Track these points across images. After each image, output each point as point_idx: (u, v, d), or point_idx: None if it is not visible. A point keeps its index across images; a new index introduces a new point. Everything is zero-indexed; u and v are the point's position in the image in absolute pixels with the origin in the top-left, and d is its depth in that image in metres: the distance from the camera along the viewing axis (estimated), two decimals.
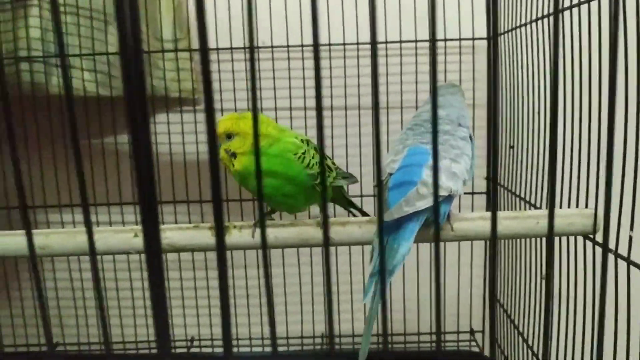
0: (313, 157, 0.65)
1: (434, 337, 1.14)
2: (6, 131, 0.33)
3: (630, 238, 0.55)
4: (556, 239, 0.80)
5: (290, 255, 1.13)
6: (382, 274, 0.51)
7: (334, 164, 0.72)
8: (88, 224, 0.33)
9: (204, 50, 0.24)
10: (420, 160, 0.59)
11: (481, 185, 1.09)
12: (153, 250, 0.28)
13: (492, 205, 0.45)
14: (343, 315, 1.14)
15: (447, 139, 0.62)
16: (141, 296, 1.14)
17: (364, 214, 0.81)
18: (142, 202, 0.27)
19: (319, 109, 0.27)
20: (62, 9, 1.04)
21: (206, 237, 0.64)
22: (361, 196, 1.07)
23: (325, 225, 0.40)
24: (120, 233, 0.63)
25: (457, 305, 1.15)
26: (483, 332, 1.15)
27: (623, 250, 0.58)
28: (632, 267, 0.55)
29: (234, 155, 0.64)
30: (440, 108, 0.64)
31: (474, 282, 1.13)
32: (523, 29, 0.86)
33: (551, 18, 0.75)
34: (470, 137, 0.65)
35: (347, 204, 0.81)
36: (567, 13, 0.72)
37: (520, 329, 0.94)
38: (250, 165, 0.63)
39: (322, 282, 1.14)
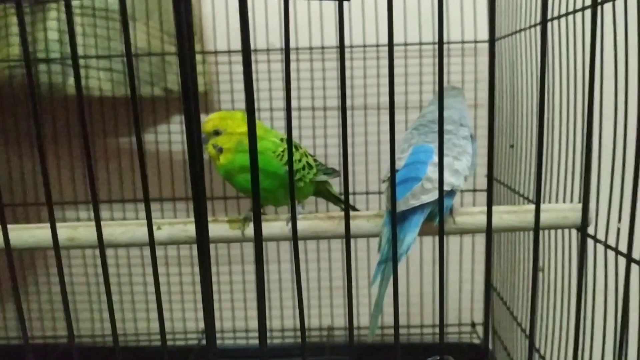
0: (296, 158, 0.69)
1: (436, 330, 1.18)
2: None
3: (618, 230, 0.59)
4: (553, 232, 0.84)
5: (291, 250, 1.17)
6: (394, 261, 0.55)
7: (315, 161, 0.76)
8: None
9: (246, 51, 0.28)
10: (425, 158, 0.63)
11: (483, 182, 1.13)
12: (203, 241, 0.32)
13: (488, 199, 0.49)
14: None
15: (450, 138, 0.66)
16: (152, 291, 1.19)
17: (354, 209, 0.85)
18: (195, 197, 0.31)
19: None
20: (78, 11, 1.08)
21: (223, 229, 0.69)
22: (367, 193, 1.12)
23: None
24: (144, 226, 0.67)
25: (459, 298, 1.19)
26: (484, 324, 1.19)
27: (621, 245, 0.62)
28: (619, 257, 0.60)
29: (220, 150, 0.68)
30: (445, 109, 0.68)
31: (476, 277, 1.17)
32: (523, 33, 0.90)
33: (552, 24, 0.79)
34: (472, 136, 0.69)
35: (334, 199, 0.84)
36: (557, 21, 0.76)
37: (519, 321, 0.98)
38: (234, 161, 0.68)
39: (326, 275, 1.18)
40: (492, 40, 0.99)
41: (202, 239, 0.38)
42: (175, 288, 1.19)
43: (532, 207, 0.68)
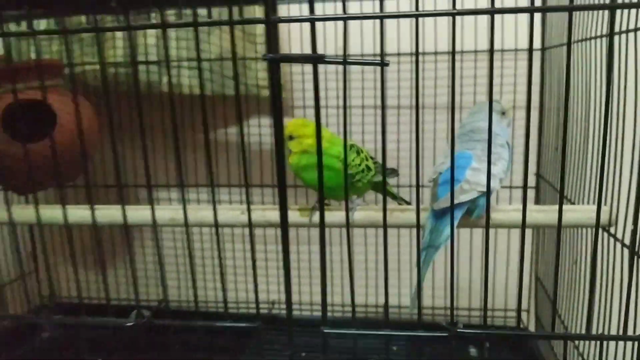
0: (353, 160, 0.82)
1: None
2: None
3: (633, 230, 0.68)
4: (584, 230, 0.93)
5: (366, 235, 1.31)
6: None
7: (375, 163, 0.89)
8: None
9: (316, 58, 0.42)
10: (464, 163, 0.75)
11: (531, 180, 1.22)
12: (284, 223, 0.46)
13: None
14: (404, 289, 1.31)
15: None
16: (232, 264, 1.36)
17: (406, 202, 0.97)
18: (280, 188, 0.45)
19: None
20: (172, 18, 1.25)
21: (294, 216, 0.83)
22: (421, 186, 1.23)
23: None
24: (231, 211, 0.83)
25: (505, 287, 1.29)
26: (528, 311, 1.29)
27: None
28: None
29: (290, 152, 0.83)
30: (481, 121, 0.79)
31: (524, 264, 1.27)
32: (578, 44, 0.98)
33: (604, 40, 0.88)
34: (507, 143, 0.79)
35: (390, 194, 0.97)
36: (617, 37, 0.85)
37: (558, 309, 1.08)
38: (300, 161, 0.82)
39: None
40: (530, 50, 1.07)
41: (284, 224, 0.52)
42: (247, 263, 1.36)
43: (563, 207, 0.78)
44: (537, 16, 1.15)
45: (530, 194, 1.22)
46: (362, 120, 1.24)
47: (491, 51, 0.56)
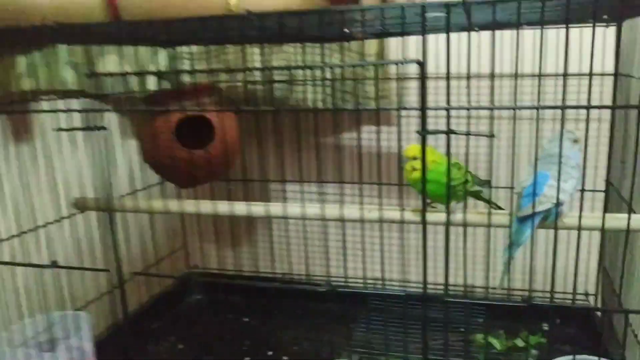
0: (455, 175, 1.08)
1: (556, 295, 1.52)
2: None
3: None
4: None
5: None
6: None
7: (472, 176, 1.14)
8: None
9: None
10: (543, 181, 0.99)
11: (600, 184, 1.44)
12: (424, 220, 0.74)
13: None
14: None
15: (561, 166, 1.02)
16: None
17: (498, 207, 1.22)
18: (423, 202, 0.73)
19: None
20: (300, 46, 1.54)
21: (409, 214, 1.11)
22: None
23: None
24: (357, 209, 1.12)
25: (574, 273, 1.52)
26: (596, 295, 1.52)
27: None
28: None
29: (413, 169, 1.09)
30: (557, 148, 1.03)
31: (591, 255, 1.49)
32: None
33: None
34: (578, 165, 1.03)
35: (485, 201, 1.22)
36: None
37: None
38: (420, 177, 1.08)
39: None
40: (616, 74, 1.29)
41: (424, 223, 0.80)
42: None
43: (620, 215, 1.01)
44: (610, 42, 1.35)
45: (600, 196, 1.44)
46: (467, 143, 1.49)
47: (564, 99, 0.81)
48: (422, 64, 0.78)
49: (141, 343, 1.45)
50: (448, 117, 0.85)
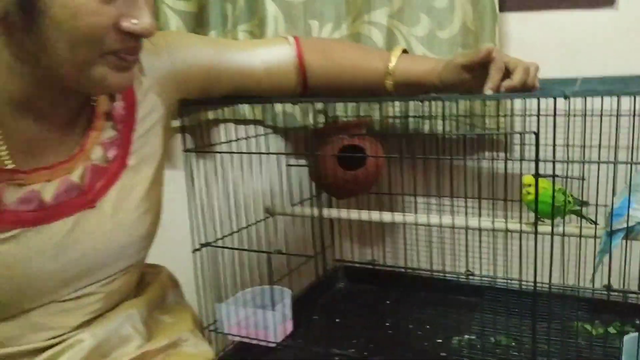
0: (559, 198, 1.40)
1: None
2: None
3: None
4: None
5: None
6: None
7: (572, 197, 1.47)
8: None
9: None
10: (630, 204, 1.31)
11: None
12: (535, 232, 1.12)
13: None
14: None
15: None
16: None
17: (593, 222, 1.54)
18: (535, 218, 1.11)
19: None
20: None
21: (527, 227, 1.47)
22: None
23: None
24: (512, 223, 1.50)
25: None
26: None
27: None
28: None
29: (528, 193, 1.45)
30: None
31: None
32: None
33: None
34: None
35: (582, 217, 1.55)
36: None
37: None
38: (532, 199, 1.43)
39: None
40: None
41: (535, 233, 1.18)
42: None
43: None
44: None
45: None
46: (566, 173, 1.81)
47: None
48: (537, 135, 1.14)
49: (308, 315, 1.90)
50: (554, 165, 1.21)
